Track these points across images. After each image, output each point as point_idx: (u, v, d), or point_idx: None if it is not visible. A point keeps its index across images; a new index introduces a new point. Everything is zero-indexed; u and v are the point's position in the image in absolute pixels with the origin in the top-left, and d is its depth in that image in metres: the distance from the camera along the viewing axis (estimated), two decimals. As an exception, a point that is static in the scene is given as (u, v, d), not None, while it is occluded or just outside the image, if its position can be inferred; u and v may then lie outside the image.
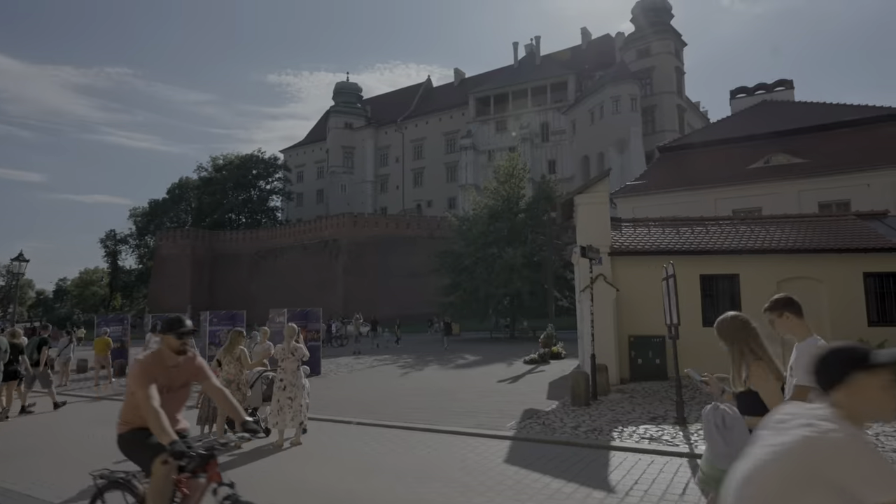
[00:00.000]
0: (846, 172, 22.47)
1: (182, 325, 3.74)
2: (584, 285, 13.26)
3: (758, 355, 2.92)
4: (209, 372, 4.10)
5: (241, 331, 8.98)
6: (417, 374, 16.27)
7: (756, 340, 2.99)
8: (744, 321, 3.05)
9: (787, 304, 3.18)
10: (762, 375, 2.86)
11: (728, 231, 13.68)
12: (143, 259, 78.62)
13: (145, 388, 3.38)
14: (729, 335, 3.05)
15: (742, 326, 3.03)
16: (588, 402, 9.98)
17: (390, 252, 55.83)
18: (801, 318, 3.18)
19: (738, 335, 3.02)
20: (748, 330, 3.01)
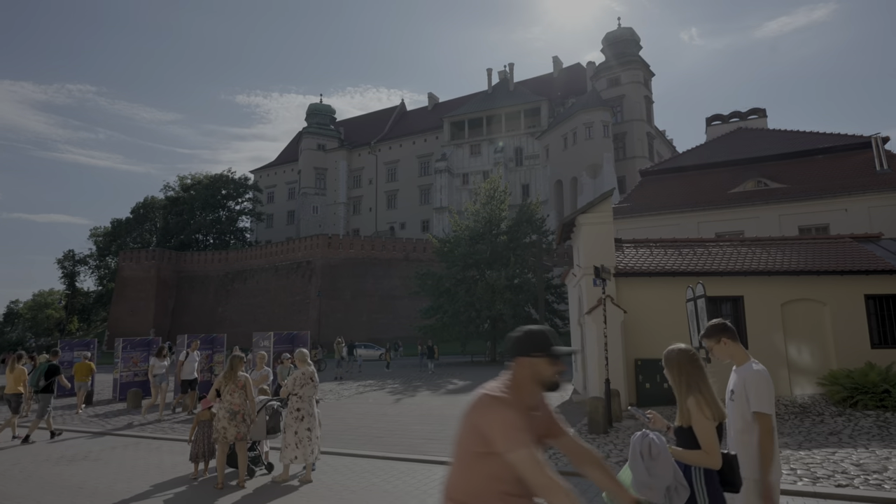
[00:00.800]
0: (825, 197, 22.96)
1: (553, 341, 2.26)
2: (588, 307, 12.91)
3: (700, 391, 2.86)
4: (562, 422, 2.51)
5: (241, 356, 8.15)
6: (410, 400, 15.54)
7: (700, 376, 2.90)
8: (692, 355, 2.97)
9: (723, 329, 3.17)
10: (700, 413, 2.80)
11: (730, 252, 13.58)
12: (103, 280, 75.47)
13: (526, 446, 2.03)
14: (675, 367, 2.97)
15: (689, 360, 2.95)
16: (606, 429, 9.51)
17: (365, 274, 54.93)
18: (738, 343, 3.17)
19: (683, 369, 2.94)
20: (694, 364, 2.93)
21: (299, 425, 7.19)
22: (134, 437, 10.98)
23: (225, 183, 75.66)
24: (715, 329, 3.23)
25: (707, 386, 2.88)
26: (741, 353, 3.19)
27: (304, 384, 7.35)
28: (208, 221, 73.31)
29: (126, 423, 12.72)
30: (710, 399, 2.85)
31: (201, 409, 7.88)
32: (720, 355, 3.23)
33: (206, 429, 7.63)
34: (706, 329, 3.26)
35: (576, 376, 16.45)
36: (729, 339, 3.19)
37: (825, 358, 12.61)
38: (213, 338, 17.24)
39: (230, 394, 7.34)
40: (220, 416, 7.15)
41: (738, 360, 3.21)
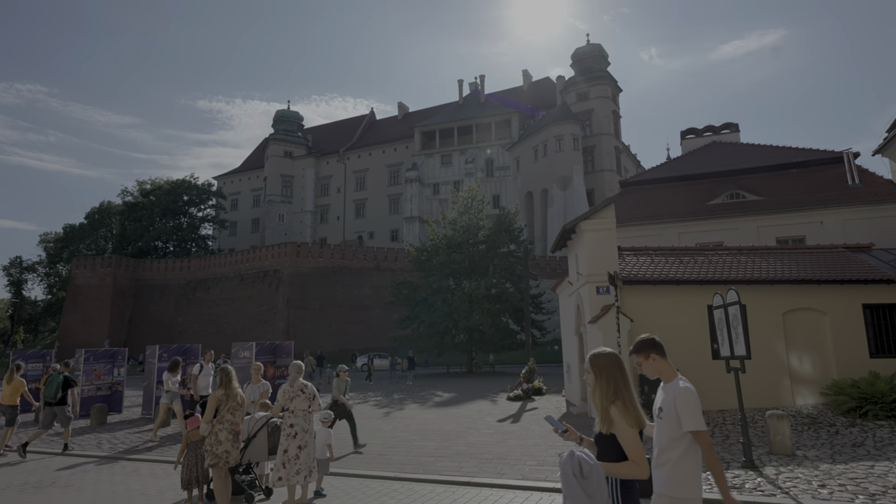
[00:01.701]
0: (801, 210, 23.41)
1: None
2: (591, 316, 12.51)
3: (624, 398, 2.82)
4: None
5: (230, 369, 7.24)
6: (401, 413, 14.80)
7: (625, 382, 2.89)
8: (618, 360, 2.94)
9: (652, 345, 3.11)
10: (623, 420, 2.77)
11: (730, 261, 13.44)
12: (53, 289, 71.65)
13: None
14: (600, 371, 2.91)
15: (616, 365, 2.91)
16: (625, 443, 9.04)
17: (335, 284, 53.67)
18: (666, 359, 3.12)
19: (608, 373, 2.89)
20: (620, 369, 2.90)
21: (290, 443, 6.45)
22: (106, 459, 9.93)
23: (187, 189, 73.16)
24: (644, 344, 3.13)
25: (630, 392, 2.85)
26: (669, 370, 3.10)
27: (294, 397, 6.60)
28: (169, 228, 70.64)
29: (95, 442, 11.58)
30: (633, 406, 2.80)
31: (189, 428, 6.96)
32: (648, 371, 3.13)
33: (198, 451, 6.81)
34: (635, 343, 3.17)
35: (569, 387, 16.03)
36: (658, 356, 3.09)
37: (825, 367, 12.53)
38: (185, 348, 16.10)
39: (231, 412, 6.49)
40: (222, 439, 6.33)
41: (665, 377, 3.10)
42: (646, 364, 3.13)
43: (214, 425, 6.35)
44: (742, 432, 7.67)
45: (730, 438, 9.48)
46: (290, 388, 6.65)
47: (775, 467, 7.30)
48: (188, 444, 6.90)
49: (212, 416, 6.40)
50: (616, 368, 2.89)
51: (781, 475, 6.92)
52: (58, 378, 10.84)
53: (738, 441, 9.12)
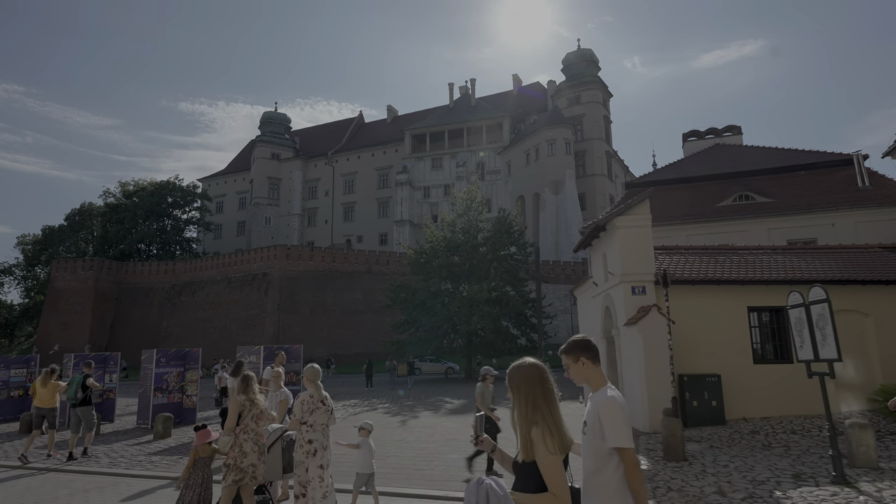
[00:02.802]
0: (813, 212, 23.05)
1: None
2: (627, 317, 11.78)
3: (546, 419, 2.40)
4: None
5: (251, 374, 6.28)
6: (417, 421, 13.92)
7: (550, 399, 2.46)
8: (540, 372, 2.50)
9: (584, 347, 2.75)
10: (544, 446, 2.36)
11: (767, 261, 12.83)
12: (30, 292, 69.28)
13: None
14: (517, 388, 2.49)
15: (537, 379, 2.48)
16: (684, 455, 8.31)
17: (325, 287, 52.51)
18: (598, 365, 2.76)
19: (527, 389, 2.46)
20: (543, 384, 2.47)
21: (310, 462, 5.53)
22: (94, 475, 8.92)
23: (171, 190, 71.40)
24: (576, 345, 2.75)
25: (555, 411, 2.44)
26: (598, 377, 2.73)
27: (314, 409, 5.68)
28: (152, 231, 68.77)
29: (67, 463, 10.52)
30: (557, 428, 2.39)
31: (199, 442, 5.96)
32: (575, 377, 2.76)
33: (206, 470, 5.88)
34: (567, 344, 2.81)
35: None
36: (588, 360, 2.72)
37: (869, 372, 11.96)
38: (184, 353, 15.03)
39: (254, 420, 5.57)
40: (248, 450, 5.46)
41: (593, 385, 2.73)
42: (573, 367, 2.74)
43: (238, 435, 5.45)
44: (831, 444, 6.95)
45: (791, 450, 8.78)
46: (311, 398, 5.71)
47: (870, 483, 6.60)
48: (195, 460, 5.90)
49: (234, 425, 5.47)
50: (536, 383, 2.45)
51: (883, 492, 6.22)
52: (77, 378, 10.55)
53: (805, 453, 8.44)
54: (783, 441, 9.37)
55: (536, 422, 2.38)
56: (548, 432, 2.36)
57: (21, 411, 15.47)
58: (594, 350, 2.75)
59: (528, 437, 2.39)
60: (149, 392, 13.98)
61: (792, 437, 9.55)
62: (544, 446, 2.34)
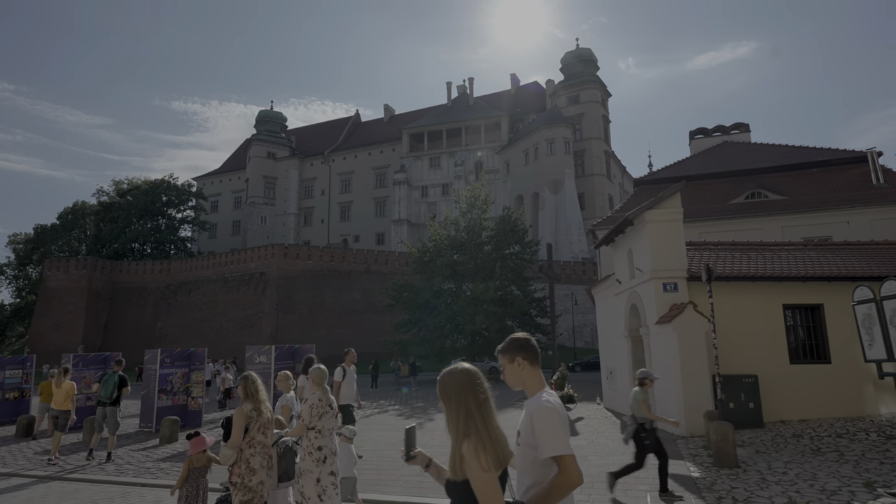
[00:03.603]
0: (827, 209, 22.69)
1: None
2: (659, 315, 11.26)
3: (479, 431, 2.10)
4: None
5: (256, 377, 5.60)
6: (433, 424, 13.34)
7: (480, 408, 2.18)
8: (470, 379, 2.22)
9: (523, 346, 2.48)
10: (476, 461, 2.04)
11: (799, 257, 12.36)
12: (22, 292, 68.11)
13: None
14: (447, 397, 2.22)
15: (469, 386, 2.20)
16: (737, 462, 7.78)
17: (323, 287, 51.82)
18: (536, 367, 2.47)
19: (457, 399, 2.18)
20: (476, 391, 2.19)
21: (321, 470, 5.01)
22: (101, 484, 8.30)
23: (166, 189, 70.42)
24: (513, 344, 2.49)
25: (490, 421, 2.17)
26: (535, 381, 2.46)
27: (323, 413, 5.23)
28: (146, 230, 67.76)
29: (95, 462, 9.89)
30: (492, 441, 2.12)
31: (193, 450, 5.44)
32: (511, 379, 2.49)
33: (200, 481, 5.37)
34: (505, 342, 2.53)
35: (612, 395, 14.76)
36: (526, 361, 2.45)
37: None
38: (190, 352, 14.37)
39: (262, 431, 4.96)
40: (255, 466, 4.83)
41: (529, 389, 2.46)
42: (509, 368, 2.47)
43: (244, 450, 4.82)
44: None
45: (845, 455, 8.26)
46: (320, 402, 5.24)
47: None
48: (190, 470, 5.37)
49: (240, 438, 4.84)
50: (468, 391, 2.18)
51: (974, 502, 5.71)
52: (114, 377, 10.33)
53: (861, 458, 7.94)
54: (832, 445, 8.86)
55: (468, 434, 2.11)
56: (481, 446, 2.07)
57: (17, 414, 14.78)
58: (534, 350, 2.46)
59: (459, 453, 2.11)
60: (152, 394, 13.34)
61: (840, 441, 9.05)
62: (477, 462, 2.04)
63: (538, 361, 2.47)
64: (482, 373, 2.28)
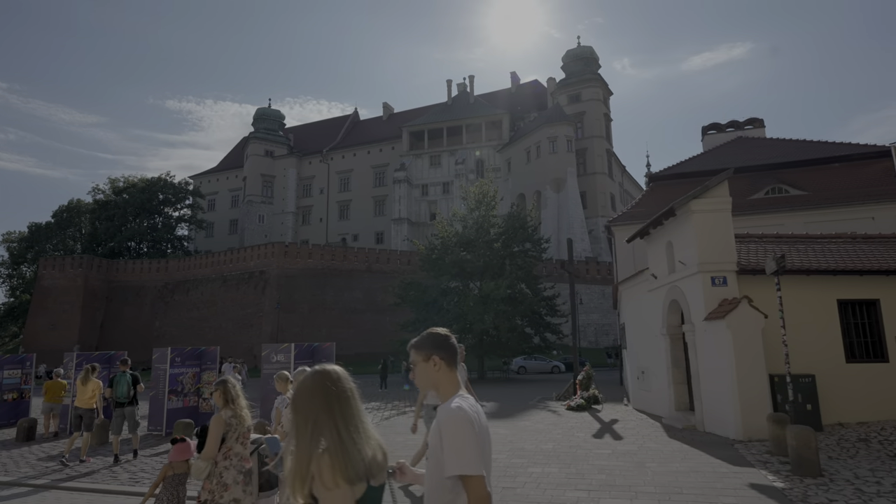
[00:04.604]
0: (851, 205, 22.12)
1: None
2: (707, 311, 10.58)
3: (335, 444, 1.75)
4: None
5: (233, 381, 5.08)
6: (460, 428, 12.59)
7: (333, 415, 1.78)
8: (322, 383, 1.83)
9: (440, 344, 2.11)
10: (332, 479, 1.70)
11: (849, 250, 11.72)
12: (16, 291, 66.92)
13: None
14: (296, 409, 1.82)
15: (317, 392, 1.82)
16: (820, 470, 7.10)
17: (324, 286, 50.99)
18: (454, 370, 2.10)
19: (306, 408, 1.81)
20: (326, 394, 1.82)
21: None
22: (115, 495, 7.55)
23: (162, 187, 69.42)
24: (432, 341, 2.14)
25: (343, 431, 1.76)
26: (450, 384, 2.09)
27: None
28: (143, 228, 66.73)
29: (105, 468, 9.11)
30: (345, 452, 1.72)
31: (175, 457, 4.86)
32: (421, 379, 2.13)
33: (178, 488, 4.82)
34: (421, 337, 2.18)
35: (646, 396, 14.06)
36: (443, 362, 2.09)
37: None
38: (201, 351, 13.59)
39: (240, 442, 4.31)
40: (229, 481, 4.15)
41: (443, 394, 2.08)
42: (421, 367, 2.15)
43: (219, 462, 4.20)
44: None
45: (928, 460, 7.60)
46: None
47: None
48: (165, 477, 4.84)
49: (216, 450, 4.21)
50: (318, 396, 1.83)
51: None
52: (126, 377, 10.15)
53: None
54: (905, 450, 8.20)
55: (317, 448, 1.75)
56: (339, 461, 1.72)
57: (16, 416, 13.97)
58: (452, 350, 2.14)
59: (307, 472, 1.74)
60: (162, 395, 12.55)
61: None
62: (333, 479, 1.71)
63: (455, 362, 2.14)
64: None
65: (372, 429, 1.88)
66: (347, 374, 1.91)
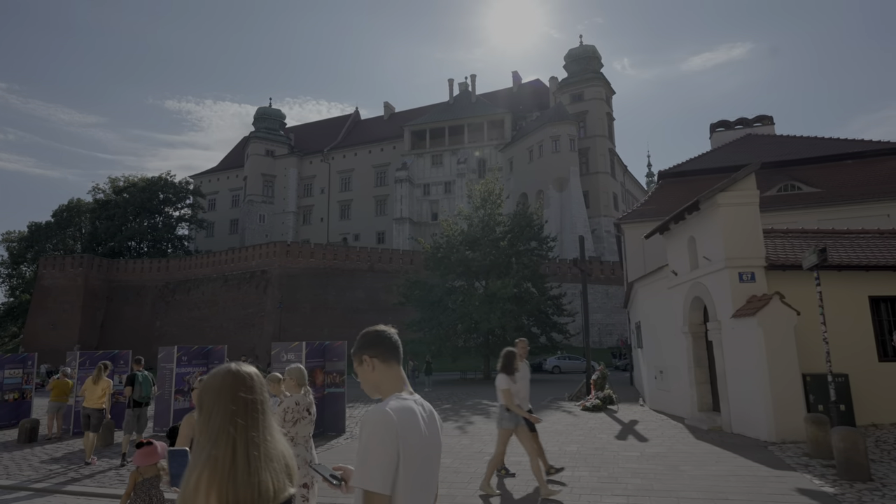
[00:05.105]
0: (865, 202, 21.78)
1: None
2: (735, 308, 10.21)
3: (225, 455, 1.50)
4: None
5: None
6: (474, 427, 12.22)
7: (246, 429, 1.54)
8: (237, 386, 1.58)
9: (371, 342, 1.92)
10: (202, 496, 1.45)
11: (880, 244, 11.34)
12: (15, 291, 66.48)
13: None
14: (201, 406, 1.58)
15: (228, 396, 1.56)
16: (870, 474, 6.73)
17: (326, 286, 50.62)
18: (393, 366, 1.90)
19: (216, 407, 1.55)
20: (235, 403, 1.55)
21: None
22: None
23: (163, 187, 69.02)
24: (361, 340, 1.95)
25: (253, 449, 1.51)
26: (391, 383, 1.87)
27: (299, 419, 4.69)
28: (143, 228, 66.32)
29: (114, 473, 8.73)
30: (235, 477, 1.45)
31: (141, 462, 4.59)
32: (364, 384, 1.93)
33: (153, 491, 4.59)
34: (359, 336, 1.98)
35: (665, 396, 13.69)
36: (376, 359, 1.89)
37: None
38: (208, 350, 13.22)
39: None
40: None
41: (383, 394, 1.87)
42: (359, 371, 1.92)
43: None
44: None
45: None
46: (297, 406, 4.70)
47: None
48: (136, 483, 4.61)
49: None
50: (224, 401, 1.54)
51: None
52: (148, 376, 10.00)
53: None
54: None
55: (199, 462, 1.48)
56: (207, 473, 1.44)
57: (17, 417, 13.62)
58: (387, 345, 1.95)
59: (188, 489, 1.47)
60: (168, 395, 12.18)
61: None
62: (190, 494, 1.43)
63: (395, 358, 1.94)
64: None
65: (282, 448, 1.62)
66: (264, 382, 1.67)
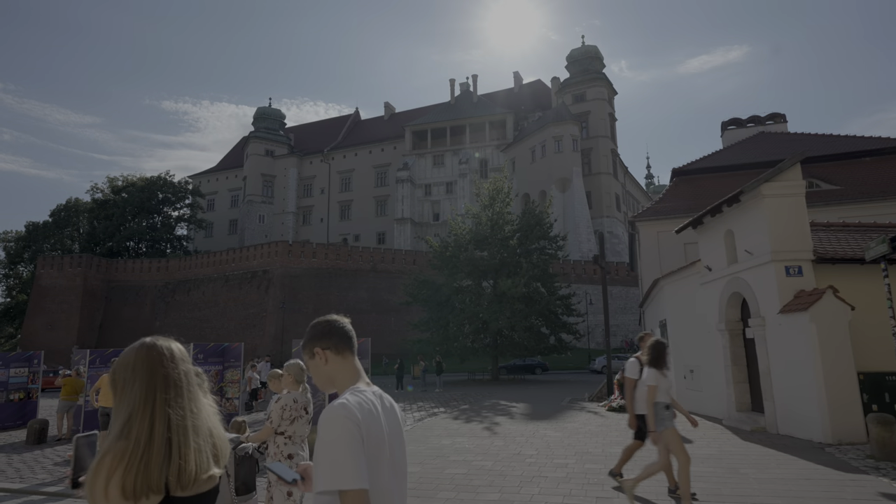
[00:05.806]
0: (886, 199, 21.41)
1: None
2: (782, 302, 9.77)
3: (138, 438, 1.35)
4: None
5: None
6: (500, 428, 11.74)
7: (165, 407, 1.38)
8: (153, 359, 1.43)
9: (322, 333, 1.79)
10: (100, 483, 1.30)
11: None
12: (12, 291, 65.70)
13: None
14: (119, 384, 1.43)
15: (144, 371, 1.40)
16: (954, 475, 6.29)
17: (329, 286, 50.10)
18: (348, 357, 1.76)
19: (131, 386, 1.40)
20: (153, 379, 1.40)
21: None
22: None
23: (162, 186, 68.38)
24: (307, 335, 1.82)
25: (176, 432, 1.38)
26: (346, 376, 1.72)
27: (296, 417, 4.58)
28: (142, 228, 65.65)
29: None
30: (149, 463, 1.31)
31: None
32: (317, 379, 1.78)
33: None
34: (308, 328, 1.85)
35: (698, 396, 13.23)
36: (329, 351, 1.74)
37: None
38: (223, 348, 12.71)
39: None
40: None
41: (339, 389, 1.73)
42: (310, 365, 1.77)
43: None
44: None
45: None
46: (295, 403, 4.58)
47: None
48: None
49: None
50: (141, 378, 1.39)
51: None
52: None
53: None
54: None
55: (108, 446, 1.32)
56: (110, 458, 1.29)
57: (23, 417, 13.09)
58: (340, 335, 1.75)
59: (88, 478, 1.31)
60: (183, 395, 11.67)
61: None
62: (98, 485, 1.28)
63: (350, 349, 1.78)
64: None
65: (209, 424, 1.45)
66: (186, 354, 1.47)
